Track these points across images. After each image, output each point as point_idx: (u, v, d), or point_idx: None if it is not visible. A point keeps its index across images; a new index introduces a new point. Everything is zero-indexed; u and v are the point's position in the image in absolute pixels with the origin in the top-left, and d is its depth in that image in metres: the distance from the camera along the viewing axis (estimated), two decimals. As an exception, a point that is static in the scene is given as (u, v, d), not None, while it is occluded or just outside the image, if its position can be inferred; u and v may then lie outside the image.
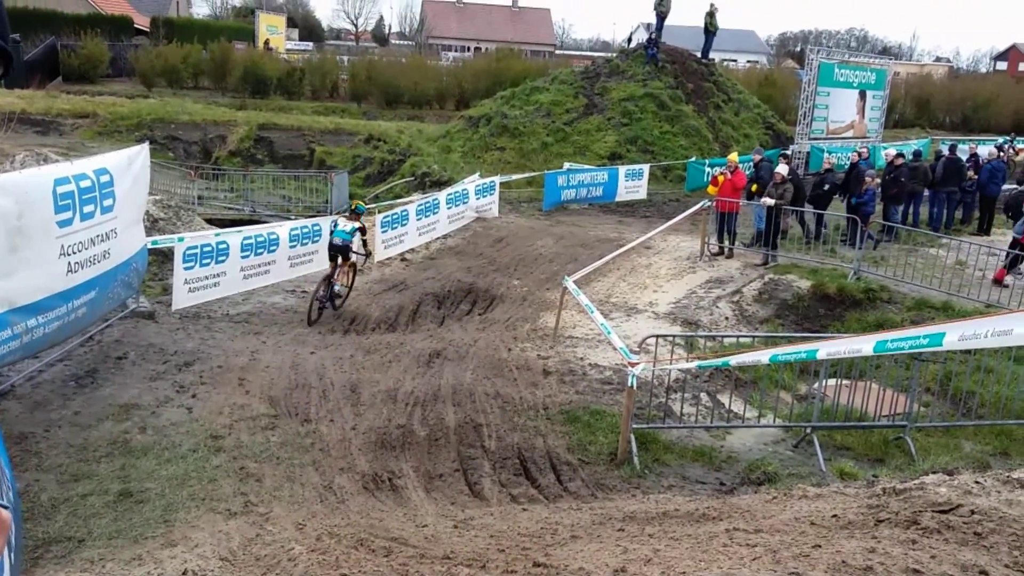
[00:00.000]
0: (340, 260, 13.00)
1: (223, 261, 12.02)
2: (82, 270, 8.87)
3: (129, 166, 9.97)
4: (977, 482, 3.57)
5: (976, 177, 18.93)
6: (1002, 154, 21.35)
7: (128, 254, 10.10)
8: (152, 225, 13.87)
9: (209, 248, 11.85)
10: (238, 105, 35.03)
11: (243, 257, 12.39)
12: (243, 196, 22.25)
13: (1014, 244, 14.95)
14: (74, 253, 8.68)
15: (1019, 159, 26.40)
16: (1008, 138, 29.10)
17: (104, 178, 9.20)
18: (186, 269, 11.48)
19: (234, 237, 12.38)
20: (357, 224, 13.19)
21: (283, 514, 6.67)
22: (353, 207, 14.12)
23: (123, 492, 6.98)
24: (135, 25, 49.80)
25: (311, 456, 8.07)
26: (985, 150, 20.91)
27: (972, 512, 3.16)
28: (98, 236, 9.15)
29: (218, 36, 44.01)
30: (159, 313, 11.87)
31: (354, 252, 13.15)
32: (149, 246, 11.27)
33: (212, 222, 17.42)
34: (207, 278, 11.83)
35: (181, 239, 11.78)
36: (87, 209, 8.85)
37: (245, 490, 7.19)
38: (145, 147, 10.67)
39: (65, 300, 8.60)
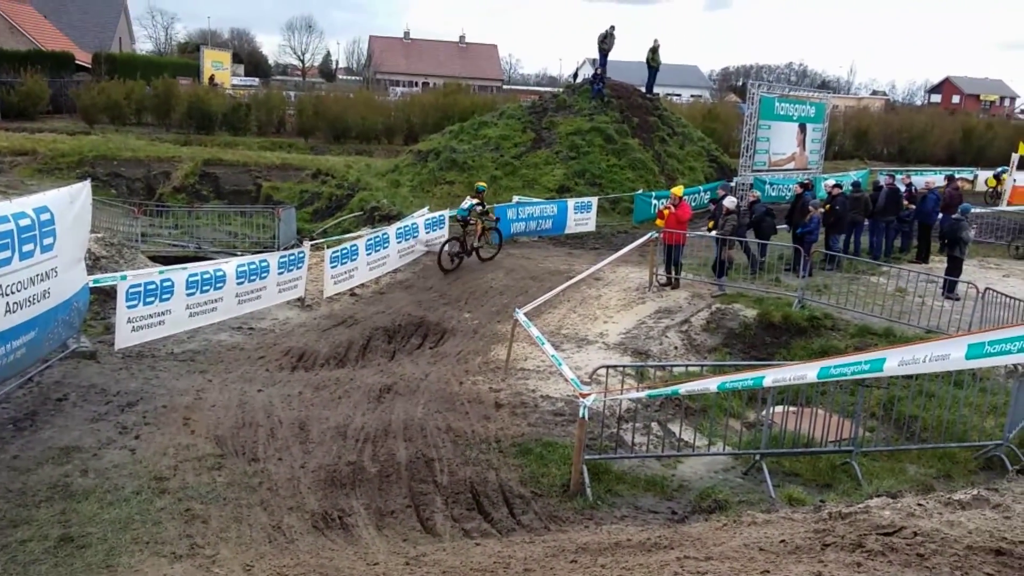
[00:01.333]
0: (465, 229, 17.89)
1: (168, 299, 11.79)
2: (21, 310, 8.64)
3: (70, 204, 9.77)
4: (920, 504, 3.64)
5: (913, 207, 19.50)
6: (949, 184, 22.02)
7: (69, 293, 9.86)
8: (94, 263, 13.59)
9: (153, 286, 11.63)
10: (183, 141, 34.69)
11: (189, 295, 12.18)
12: (188, 233, 21.93)
13: None
14: (13, 293, 8.46)
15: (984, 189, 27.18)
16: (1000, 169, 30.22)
17: (44, 216, 9.00)
18: (129, 307, 11.24)
19: (179, 274, 12.18)
20: (475, 200, 18.03)
21: (230, 556, 6.52)
22: (476, 188, 18.99)
23: (64, 537, 6.78)
24: (76, 61, 49.02)
25: (259, 496, 7.92)
26: (922, 180, 21.58)
27: (915, 534, 3.22)
28: (38, 275, 8.93)
29: (162, 72, 43.49)
30: (101, 353, 11.60)
31: (473, 220, 17.92)
32: (91, 284, 11.02)
33: (156, 259, 17.12)
34: (151, 316, 11.59)
35: (124, 277, 11.55)
36: (26, 248, 8.64)
37: (191, 532, 7.02)
38: (87, 184, 10.47)
39: (3, 341, 8.36)
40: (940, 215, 17.65)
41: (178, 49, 78.17)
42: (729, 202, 16.18)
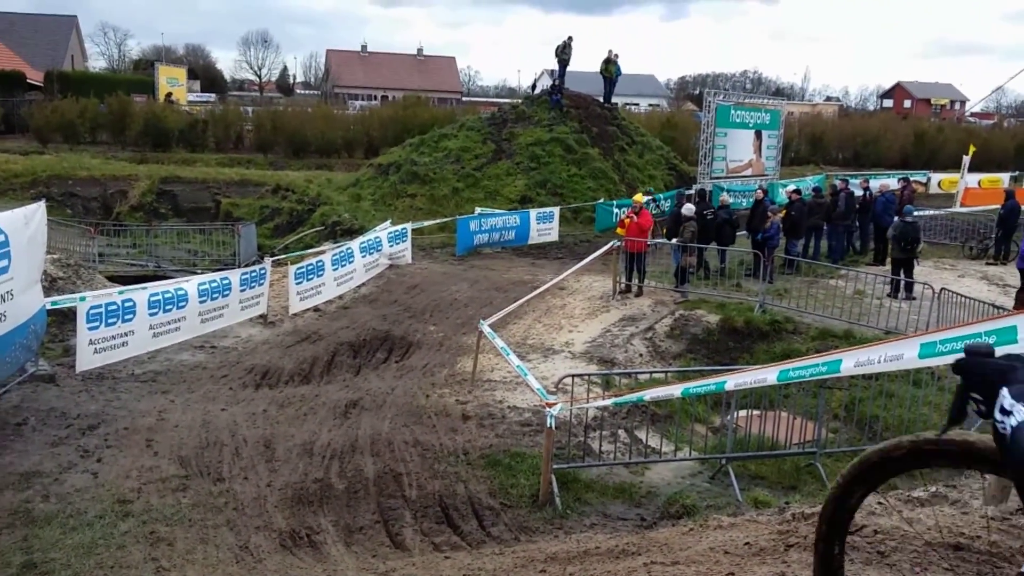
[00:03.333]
0: None
1: (130, 320, 11.63)
2: (-25, 334, 8.49)
3: (25, 225, 9.63)
4: (880, 503, 3.72)
5: (859, 209, 19.92)
6: (905, 187, 22.50)
7: (26, 316, 9.70)
8: (51, 285, 13.35)
9: (114, 307, 11.46)
10: (139, 159, 34.22)
11: (151, 314, 12.02)
12: (147, 252, 21.66)
13: None
14: (-34, 317, 8.31)
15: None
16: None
17: (-2, 238, 8.87)
18: (91, 329, 11.07)
19: (140, 294, 12.03)
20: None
21: (197, 578, 6.45)
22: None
23: (26, 564, 6.64)
24: (28, 80, 48.25)
25: (225, 516, 7.83)
26: (877, 183, 22.01)
27: (875, 532, 3.29)
28: (-8, 298, 8.79)
29: (116, 89, 42.94)
30: (60, 376, 11.40)
31: None
32: (48, 307, 10.85)
33: (115, 279, 16.87)
34: (114, 337, 11.42)
35: (83, 298, 11.39)
36: (-20, 271, 8.50)
37: (156, 555, 6.93)
38: (41, 205, 10.32)
39: (-43, 367, 8.21)
40: (896, 218, 18.02)
41: (132, 66, 77.13)
42: (687, 209, 16.38)
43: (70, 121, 38.33)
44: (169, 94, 49.34)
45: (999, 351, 1.98)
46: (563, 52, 29.54)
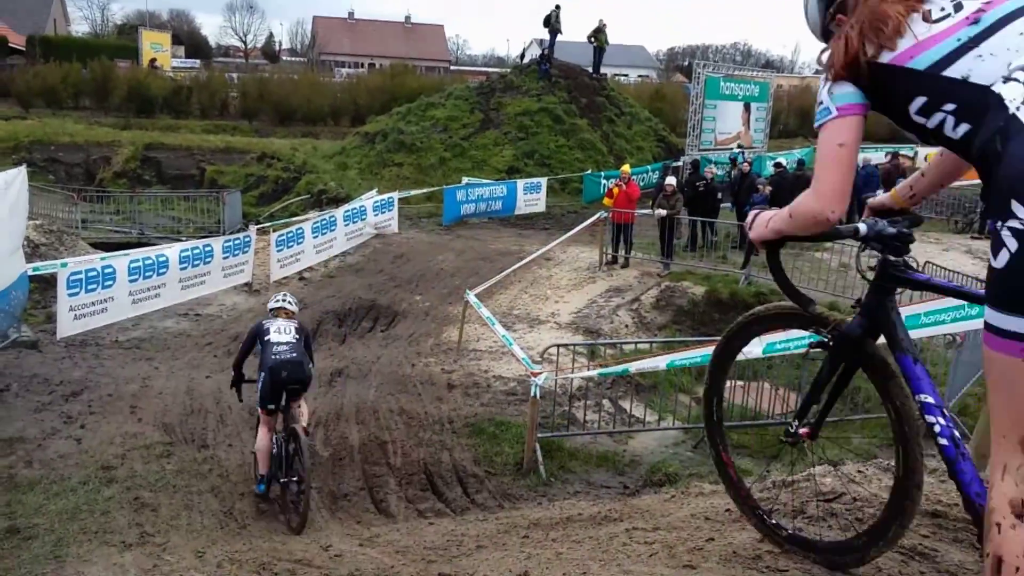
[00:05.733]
0: None
1: (110, 286, 11.57)
2: (-44, 300, 8.41)
3: (5, 190, 9.51)
4: (860, 471, 3.75)
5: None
6: (892, 160, 22.58)
7: (7, 282, 9.61)
8: (33, 251, 13.24)
9: (95, 273, 11.39)
10: (122, 125, 33.82)
11: (131, 281, 11.96)
12: (130, 219, 21.45)
13: None
14: (-54, 282, 8.23)
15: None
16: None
17: (-23, 203, 8.76)
18: (71, 296, 11.00)
19: (121, 261, 11.94)
20: None
21: (181, 543, 6.45)
22: None
23: (10, 529, 6.63)
24: (10, 44, 47.46)
25: (209, 482, 7.84)
26: (861, 157, 22.00)
27: (854, 499, 3.32)
28: (-27, 264, 8.70)
29: (99, 54, 42.26)
30: (43, 342, 11.34)
31: None
32: (30, 273, 10.76)
33: (98, 246, 16.72)
34: (93, 304, 11.36)
35: (64, 264, 11.30)
36: (-40, 235, 8.40)
37: (140, 520, 6.93)
38: (22, 170, 10.19)
39: (-62, 332, 8.14)
40: (880, 190, 18.04)
41: (116, 31, 75.96)
42: (670, 182, 16.39)
43: (53, 86, 37.82)
44: (153, 60, 48.60)
45: (976, 323, 2.07)
46: (555, 22, 29.29)
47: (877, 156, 24.24)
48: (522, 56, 36.61)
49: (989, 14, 1.93)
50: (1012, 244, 1.81)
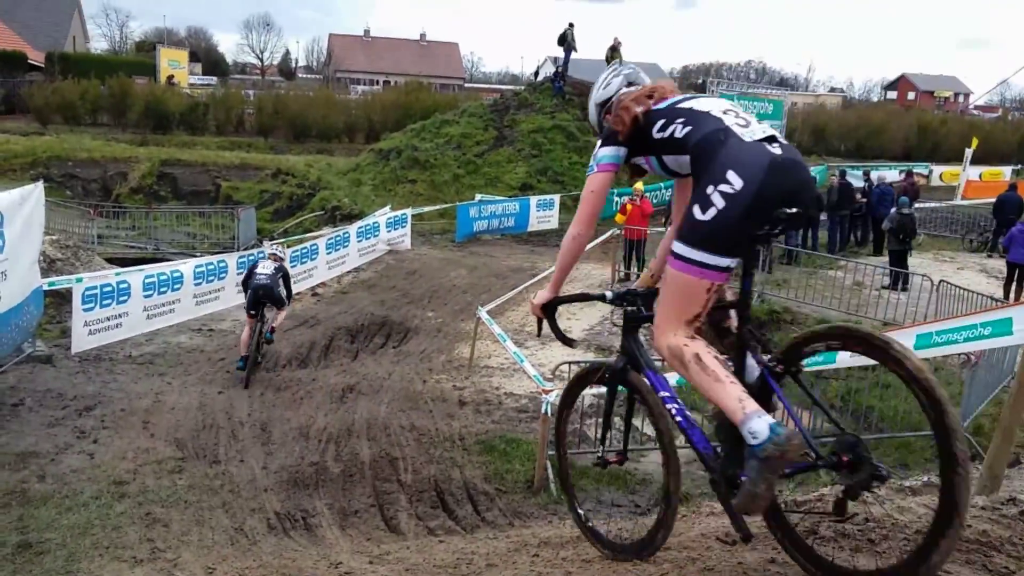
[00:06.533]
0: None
1: (125, 301, 11.65)
2: (-28, 314, 8.48)
3: (21, 205, 9.60)
4: (872, 491, 3.71)
5: (865, 200, 19.83)
6: (907, 179, 22.52)
7: (21, 297, 9.69)
8: (49, 266, 13.35)
9: (109, 288, 11.48)
10: (139, 141, 34.15)
11: (146, 296, 12.04)
12: (146, 234, 21.63)
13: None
14: (-37, 297, 8.30)
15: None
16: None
17: (-6, 218, 8.84)
18: (85, 311, 11.08)
19: (135, 276, 12.03)
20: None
21: (192, 559, 6.45)
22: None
23: (22, 544, 6.65)
24: (29, 60, 48.01)
25: (220, 498, 7.85)
26: (876, 175, 21.98)
27: (866, 520, 3.29)
28: (-11, 278, 8.77)
29: (117, 71, 42.67)
30: (57, 357, 11.40)
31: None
32: (45, 287, 10.84)
33: (113, 261, 16.85)
34: (108, 319, 11.44)
35: (79, 279, 11.38)
36: (-24, 251, 8.48)
37: (151, 536, 6.94)
38: (39, 185, 10.29)
39: (-46, 346, 8.21)
40: (892, 210, 17.99)
41: (134, 48, 76.80)
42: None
43: (71, 102, 38.20)
44: (170, 76, 49.13)
45: (989, 343, 2.27)
46: (570, 40, 29.38)
47: (892, 174, 24.07)
48: (536, 74, 36.76)
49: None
50: (720, 203, 2.72)
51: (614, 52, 30.14)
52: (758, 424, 2.64)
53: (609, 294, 3.47)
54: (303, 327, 14.10)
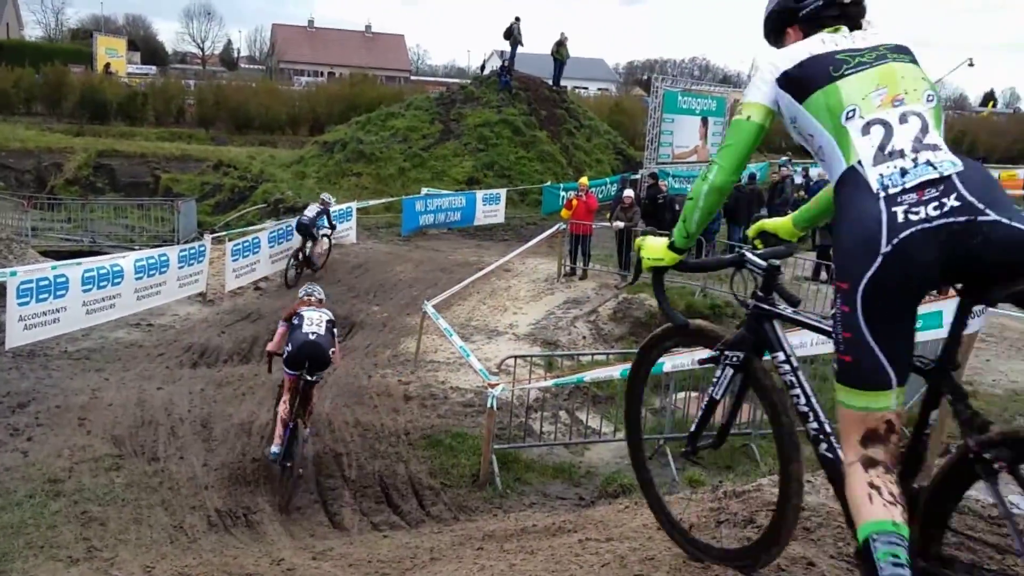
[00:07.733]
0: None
1: (62, 296, 11.34)
2: (-103, 309, 8.20)
3: (-49, 196, 9.30)
4: (808, 481, 3.80)
5: (805, 195, 20.22)
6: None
7: (-49, 290, 9.40)
8: (-21, 259, 12.96)
9: (46, 282, 11.16)
10: (75, 131, 33.30)
11: (85, 291, 11.74)
12: (82, 227, 21.11)
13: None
14: None
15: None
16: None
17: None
18: (21, 305, 10.76)
19: (74, 270, 11.73)
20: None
21: (130, 558, 6.34)
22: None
23: (-49, 545, 6.47)
24: (-41, 48, 46.51)
25: (160, 496, 7.73)
26: (815, 171, 22.40)
27: (802, 509, 3.36)
28: (-84, 272, 8.48)
29: (53, 59, 41.57)
30: (-11, 353, 11.08)
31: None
32: (-24, 281, 10.52)
33: (48, 254, 16.40)
34: (45, 314, 11.12)
35: (14, 273, 11.06)
36: (-98, 243, 8.19)
37: (88, 535, 6.81)
38: (-31, 176, 9.98)
39: None
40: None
41: (70, 35, 74.64)
42: (628, 195, 16.54)
43: (4, 91, 37.21)
44: (108, 65, 47.87)
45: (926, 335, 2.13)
46: (516, 34, 29.38)
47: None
48: (483, 67, 36.72)
49: None
50: None
51: (560, 47, 30.29)
52: None
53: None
54: (245, 321, 13.90)
